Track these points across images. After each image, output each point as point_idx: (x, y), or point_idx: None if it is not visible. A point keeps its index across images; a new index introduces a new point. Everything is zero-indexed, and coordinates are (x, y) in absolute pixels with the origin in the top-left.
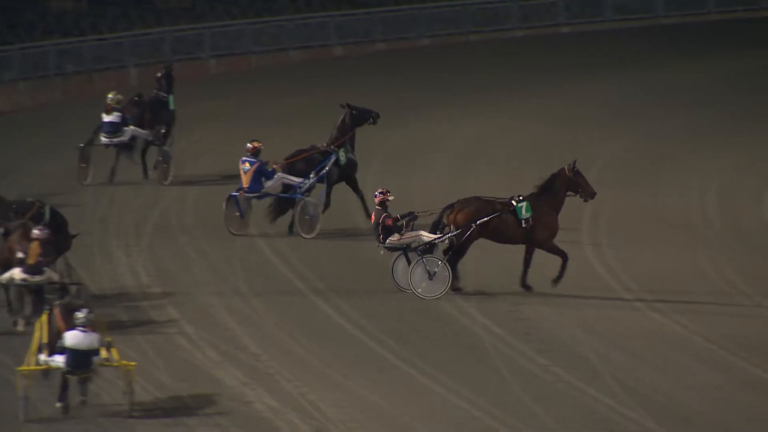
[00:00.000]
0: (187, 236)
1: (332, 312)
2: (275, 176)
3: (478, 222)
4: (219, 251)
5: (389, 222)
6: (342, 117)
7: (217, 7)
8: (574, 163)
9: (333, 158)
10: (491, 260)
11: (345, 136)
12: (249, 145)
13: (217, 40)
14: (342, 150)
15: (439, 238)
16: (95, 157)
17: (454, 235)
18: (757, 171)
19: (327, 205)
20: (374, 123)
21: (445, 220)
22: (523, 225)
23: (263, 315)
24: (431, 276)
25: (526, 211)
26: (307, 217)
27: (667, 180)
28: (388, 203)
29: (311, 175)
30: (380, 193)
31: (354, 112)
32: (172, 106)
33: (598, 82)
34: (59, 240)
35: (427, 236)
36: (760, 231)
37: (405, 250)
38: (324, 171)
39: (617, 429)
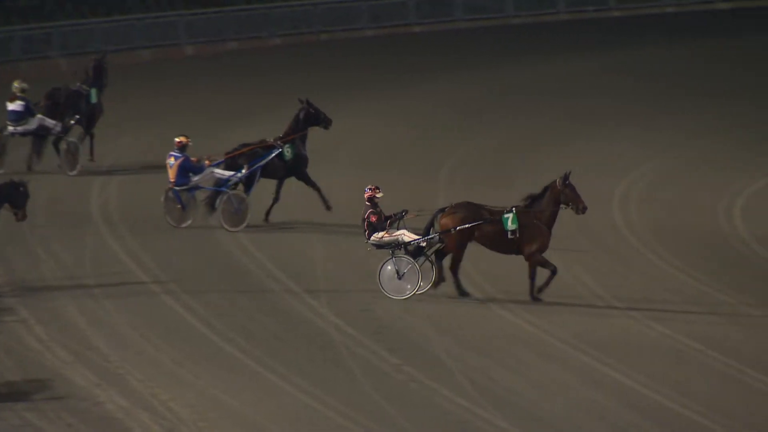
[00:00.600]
0: (37, 237)
1: (183, 311)
2: (205, 170)
3: (457, 228)
4: (70, 251)
5: (373, 219)
6: (297, 113)
7: (66, 6)
8: (567, 175)
9: (273, 153)
10: (344, 259)
11: (296, 133)
12: (176, 139)
13: (67, 39)
14: (288, 146)
15: (418, 239)
16: (11, 146)
17: (431, 238)
18: (608, 171)
19: (276, 200)
20: (326, 128)
21: (436, 223)
22: (509, 236)
23: (114, 315)
24: (400, 276)
25: (512, 223)
26: (232, 210)
27: (516, 178)
28: (376, 199)
29: (242, 170)
30: (369, 189)
31: (311, 110)
32: (94, 100)
33: (449, 82)
34: None
35: (408, 236)
36: (608, 231)
37: (390, 248)
38: (258, 165)
39: (470, 429)
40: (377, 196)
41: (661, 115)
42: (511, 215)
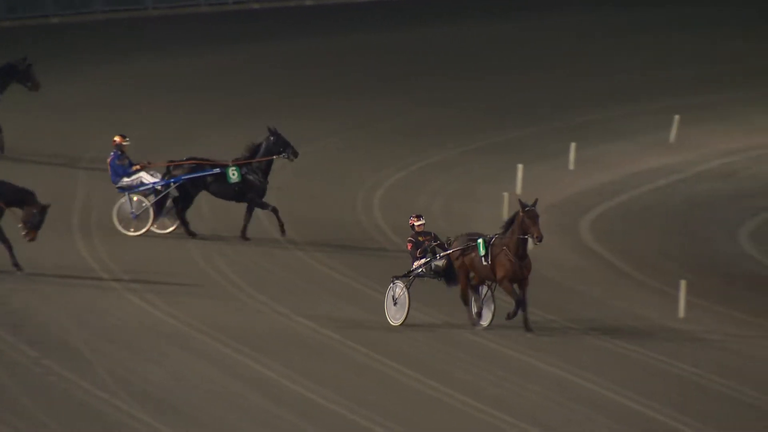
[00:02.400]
0: None
1: None
2: (134, 175)
3: (443, 253)
4: None
5: (408, 246)
6: (261, 141)
7: None
8: (533, 203)
9: (210, 171)
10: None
11: (252, 158)
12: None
13: None
14: (234, 168)
15: (421, 265)
16: None
17: (423, 264)
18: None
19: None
20: (290, 159)
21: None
22: (483, 262)
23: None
24: (395, 301)
25: (483, 248)
26: (129, 213)
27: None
28: (416, 228)
29: (159, 180)
30: (411, 216)
31: (272, 138)
32: None
33: (84, 75)
34: None
35: (417, 264)
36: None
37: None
38: (183, 178)
39: (109, 421)
40: (414, 224)
41: (303, 109)
42: (481, 241)
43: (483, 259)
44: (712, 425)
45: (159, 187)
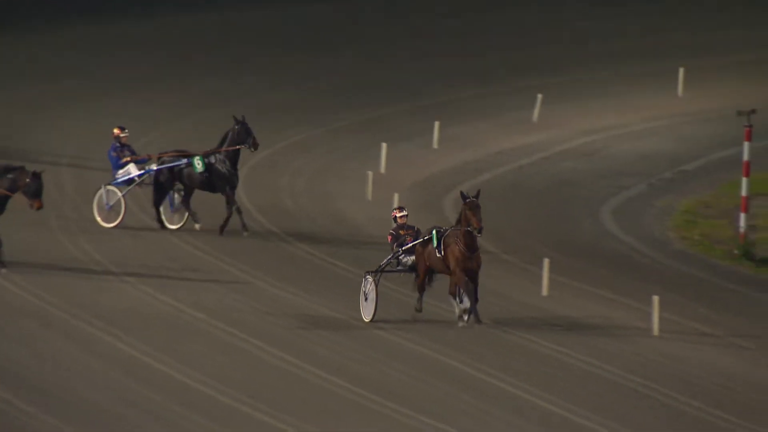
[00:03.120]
0: None
1: None
2: (125, 166)
3: (403, 247)
4: None
5: (389, 239)
6: (228, 130)
7: None
8: (475, 194)
9: (179, 162)
10: None
11: (220, 147)
12: None
13: None
14: (199, 158)
15: (388, 260)
16: None
17: (390, 259)
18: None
19: (233, 211)
20: (250, 150)
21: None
22: (437, 254)
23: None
24: (366, 297)
25: (435, 240)
26: (104, 204)
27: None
28: (398, 221)
29: (136, 171)
30: (393, 209)
31: (236, 127)
32: None
33: None
34: None
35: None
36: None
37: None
38: (154, 170)
39: None
40: (396, 216)
41: (147, 91)
42: (435, 232)
43: (436, 251)
44: (576, 402)
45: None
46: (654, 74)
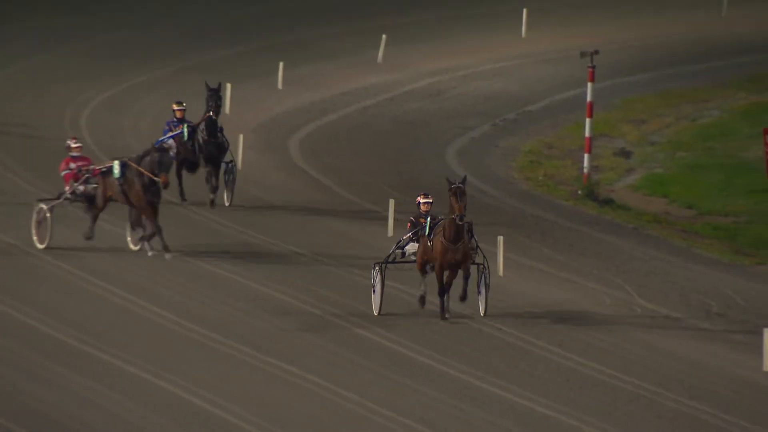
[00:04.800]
0: None
1: None
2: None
3: (406, 235)
4: None
5: (408, 226)
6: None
7: None
8: (461, 179)
9: (177, 132)
10: None
11: (203, 117)
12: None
13: None
14: (186, 126)
15: (393, 250)
16: None
17: (395, 249)
18: None
19: (215, 187)
20: (211, 114)
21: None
22: (428, 243)
23: None
24: (374, 288)
25: (427, 229)
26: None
27: None
28: (421, 208)
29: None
30: (419, 194)
31: (208, 94)
32: None
33: None
34: None
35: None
36: None
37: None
38: (161, 139)
39: None
40: (419, 202)
41: None
42: (427, 222)
43: (427, 239)
44: (421, 342)
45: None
46: (498, 15)
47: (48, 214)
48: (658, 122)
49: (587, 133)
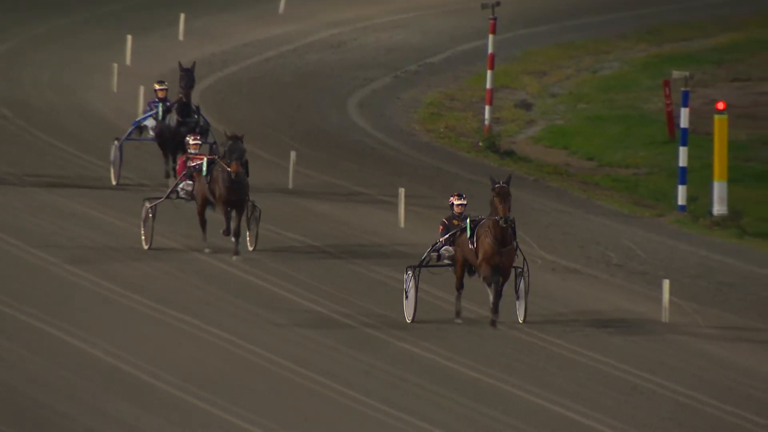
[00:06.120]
0: None
1: None
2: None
3: (442, 238)
4: None
5: (440, 229)
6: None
7: None
8: (506, 179)
9: (152, 112)
10: None
11: (175, 99)
12: None
13: None
14: (161, 105)
15: (428, 253)
16: None
17: (429, 252)
18: None
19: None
20: (184, 98)
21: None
22: (470, 245)
23: None
24: (406, 295)
25: (469, 230)
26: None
27: None
28: (454, 209)
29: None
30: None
31: (180, 73)
32: None
33: None
34: None
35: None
36: None
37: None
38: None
39: None
40: (453, 203)
41: None
42: (468, 220)
43: (469, 241)
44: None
45: None
46: None
47: (150, 214)
48: (559, 74)
49: (488, 85)
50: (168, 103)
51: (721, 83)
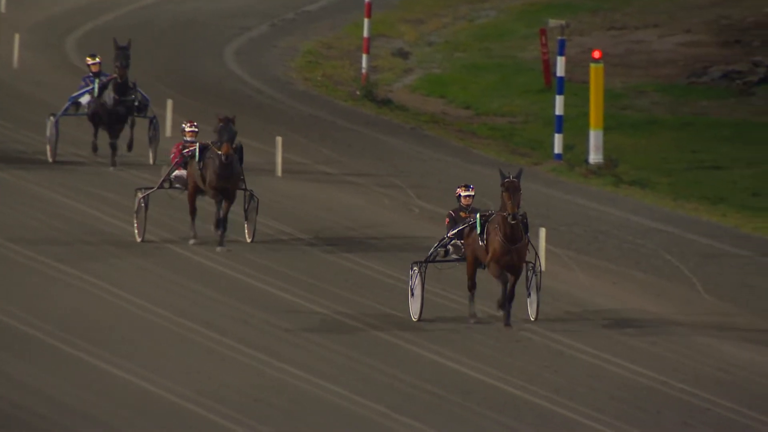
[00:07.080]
0: None
1: None
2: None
3: (450, 233)
4: None
5: (446, 222)
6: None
7: None
8: (516, 173)
9: (88, 88)
10: None
11: (110, 77)
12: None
13: None
14: (96, 80)
15: (435, 248)
16: None
17: (437, 247)
18: None
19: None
20: (118, 78)
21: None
22: (479, 242)
23: None
24: (412, 292)
25: (479, 226)
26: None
27: None
28: (462, 201)
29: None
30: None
31: (116, 51)
32: None
33: None
34: None
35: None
36: None
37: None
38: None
39: None
40: (460, 194)
41: None
42: (477, 217)
43: (479, 238)
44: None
45: None
46: None
47: (143, 204)
48: (435, 22)
49: (365, 34)
50: (104, 78)
51: (597, 32)
